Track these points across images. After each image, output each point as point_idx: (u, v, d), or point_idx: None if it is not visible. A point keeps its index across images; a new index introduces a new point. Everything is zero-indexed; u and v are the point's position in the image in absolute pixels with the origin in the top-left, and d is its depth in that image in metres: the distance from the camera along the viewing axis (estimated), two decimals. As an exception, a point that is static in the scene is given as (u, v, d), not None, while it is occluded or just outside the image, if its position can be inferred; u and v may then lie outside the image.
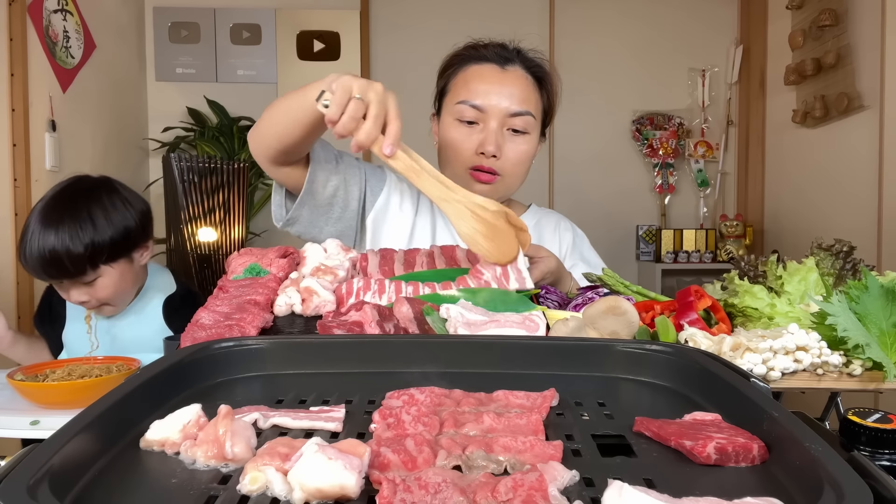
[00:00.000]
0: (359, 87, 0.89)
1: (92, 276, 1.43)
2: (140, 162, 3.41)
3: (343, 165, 1.29)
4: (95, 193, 1.46)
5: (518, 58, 1.32)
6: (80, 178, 1.50)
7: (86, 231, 1.39)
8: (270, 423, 0.54)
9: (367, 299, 0.92)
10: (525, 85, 1.30)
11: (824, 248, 0.95)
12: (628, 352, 0.70)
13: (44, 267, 1.39)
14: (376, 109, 0.89)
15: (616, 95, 3.63)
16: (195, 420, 0.51)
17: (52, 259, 1.37)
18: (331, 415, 0.56)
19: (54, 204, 1.42)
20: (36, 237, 1.38)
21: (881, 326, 0.78)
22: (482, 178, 1.29)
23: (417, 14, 3.54)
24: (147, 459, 0.49)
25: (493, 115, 1.27)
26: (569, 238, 1.45)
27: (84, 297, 1.45)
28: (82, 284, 1.44)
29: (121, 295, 1.51)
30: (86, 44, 2.84)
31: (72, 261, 1.38)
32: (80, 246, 1.38)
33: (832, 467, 0.41)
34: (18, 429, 1.18)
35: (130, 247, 1.49)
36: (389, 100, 0.90)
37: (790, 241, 3.24)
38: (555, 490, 0.41)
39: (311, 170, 1.22)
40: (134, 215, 1.49)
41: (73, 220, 1.39)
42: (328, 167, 1.25)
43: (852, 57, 2.70)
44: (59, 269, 1.39)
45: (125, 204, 1.49)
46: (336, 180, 1.26)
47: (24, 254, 1.40)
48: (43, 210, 1.41)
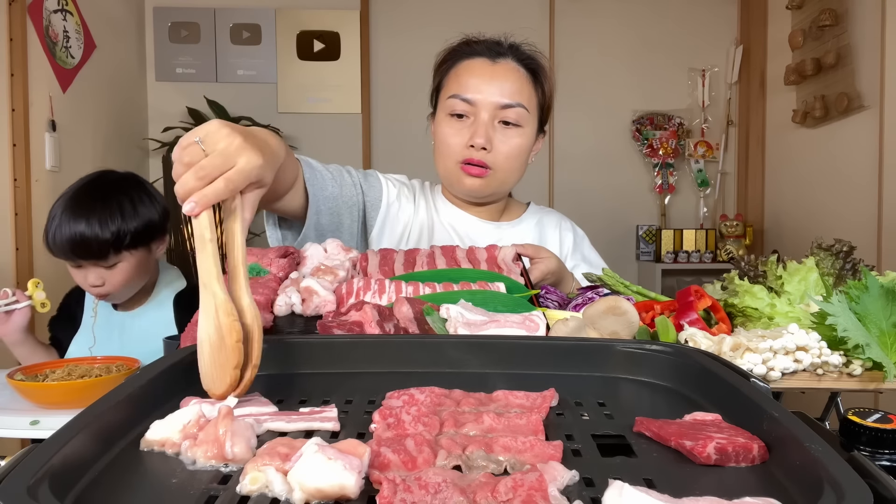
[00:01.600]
0: (206, 133, 0.67)
1: (113, 259, 1.52)
2: (140, 162, 3.41)
3: (339, 187, 1.25)
4: (123, 186, 1.57)
5: (510, 52, 1.30)
6: (107, 172, 1.62)
7: (114, 219, 1.50)
8: (265, 429, 0.54)
9: (368, 299, 0.92)
10: (517, 77, 1.28)
11: (824, 248, 0.95)
12: (628, 352, 0.70)
13: (73, 249, 1.48)
14: (211, 163, 0.65)
15: (616, 95, 3.63)
16: (195, 420, 0.51)
17: (82, 242, 1.47)
18: (324, 415, 0.56)
19: (85, 193, 1.53)
20: (67, 222, 1.47)
21: (881, 326, 0.78)
22: (472, 171, 1.28)
23: (417, 14, 3.54)
24: (147, 459, 0.49)
25: (483, 108, 1.26)
26: (570, 238, 1.45)
27: (99, 280, 1.53)
28: (102, 267, 1.52)
29: (133, 282, 1.60)
30: (86, 44, 2.84)
31: (99, 245, 1.48)
32: (107, 232, 1.48)
33: (832, 467, 0.41)
34: (18, 429, 1.18)
35: (151, 237, 1.59)
36: (239, 158, 0.66)
37: (790, 241, 3.24)
38: (555, 490, 0.41)
39: (311, 211, 1.18)
40: (157, 209, 1.60)
41: (104, 208, 1.50)
42: (326, 199, 1.22)
43: (852, 57, 2.70)
44: (86, 251, 1.49)
45: (150, 198, 1.60)
46: (334, 207, 1.24)
47: (52, 236, 1.49)
48: (74, 198, 1.51)
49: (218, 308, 0.61)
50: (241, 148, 0.65)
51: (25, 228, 2.41)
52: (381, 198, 1.34)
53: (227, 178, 0.64)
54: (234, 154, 0.65)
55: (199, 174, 0.63)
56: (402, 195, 1.37)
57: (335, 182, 1.24)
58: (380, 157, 3.57)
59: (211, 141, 0.65)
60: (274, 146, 0.79)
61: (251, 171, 0.66)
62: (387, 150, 3.57)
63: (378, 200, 1.33)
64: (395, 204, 1.35)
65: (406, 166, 1.86)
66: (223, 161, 0.64)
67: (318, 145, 3.48)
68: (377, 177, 1.36)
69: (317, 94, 3.54)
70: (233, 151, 0.65)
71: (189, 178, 0.63)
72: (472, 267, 1.07)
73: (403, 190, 1.38)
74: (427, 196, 1.41)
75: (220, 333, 0.60)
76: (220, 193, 0.64)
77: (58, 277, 2.52)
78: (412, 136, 1.77)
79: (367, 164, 3.53)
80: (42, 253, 2.48)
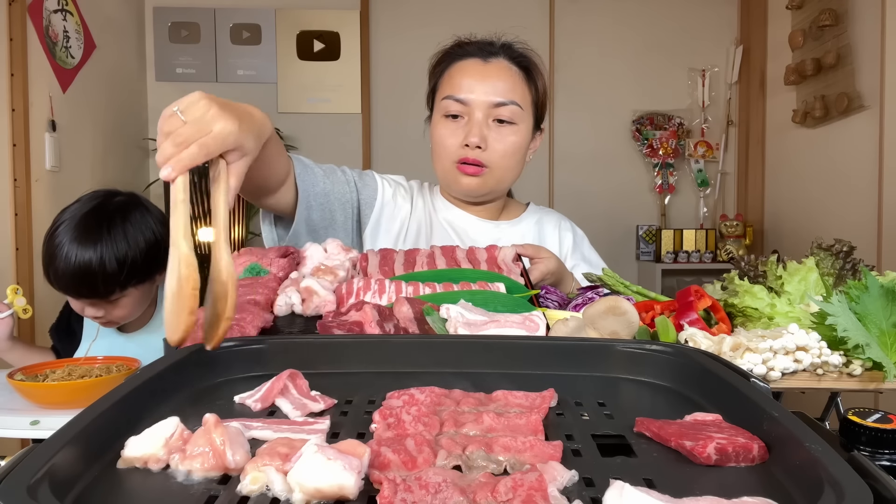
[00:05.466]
0: (185, 104, 0.71)
1: (117, 296, 1.42)
2: (140, 162, 3.41)
3: (331, 184, 1.25)
4: (129, 211, 1.45)
5: (503, 51, 1.31)
6: (110, 193, 1.48)
7: (120, 249, 1.39)
8: (250, 436, 0.52)
9: (368, 299, 0.92)
10: (509, 76, 1.29)
11: (824, 248, 0.95)
12: (628, 352, 0.70)
13: (76, 284, 1.38)
14: (187, 131, 0.69)
15: (616, 95, 3.63)
16: (179, 433, 0.48)
17: (86, 276, 1.36)
18: (314, 427, 0.54)
19: (88, 220, 1.40)
20: (73, 252, 1.36)
21: (881, 326, 0.78)
22: (468, 170, 1.28)
23: (417, 14, 3.54)
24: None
25: (476, 107, 1.26)
26: (569, 238, 1.45)
27: (100, 313, 1.44)
28: (104, 303, 1.43)
29: (135, 313, 1.52)
30: (86, 44, 2.84)
31: (104, 279, 1.38)
32: (115, 265, 1.37)
33: (832, 467, 0.41)
34: (18, 429, 1.18)
35: (158, 267, 1.47)
36: (215, 124, 0.70)
37: (790, 241, 3.24)
38: (554, 490, 0.41)
39: (300, 206, 1.18)
40: (163, 234, 1.46)
41: (110, 237, 1.39)
42: (317, 195, 1.22)
43: (852, 57, 2.70)
44: (91, 287, 1.38)
45: (156, 222, 1.48)
46: (325, 203, 1.24)
47: (55, 267, 1.37)
48: (78, 226, 1.39)
49: (181, 260, 0.64)
50: (217, 116, 0.70)
51: (25, 228, 2.41)
52: (375, 196, 1.34)
53: (201, 143, 0.69)
54: (209, 121, 0.70)
55: (175, 140, 0.68)
56: (398, 195, 1.37)
57: (327, 178, 1.25)
58: (380, 158, 3.57)
59: (189, 111, 0.69)
60: (257, 117, 0.82)
61: (226, 136, 0.70)
62: (387, 150, 3.57)
63: (372, 199, 1.34)
64: (391, 203, 1.35)
65: (406, 166, 1.86)
66: (199, 128, 0.69)
67: (318, 145, 3.47)
68: (373, 176, 1.37)
69: (317, 95, 3.54)
70: (209, 119, 0.70)
71: (167, 146, 0.68)
72: (472, 267, 1.07)
73: (399, 190, 1.38)
74: (425, 196, 1.41)
75: (181, 284, 0.64)
76: (195, 157, 0.68)
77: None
78: (412, 137, 1.76)
79: (366, 164, 3.53)
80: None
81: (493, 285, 0.96)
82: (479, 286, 0.96)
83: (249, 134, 0.76)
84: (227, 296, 0.65)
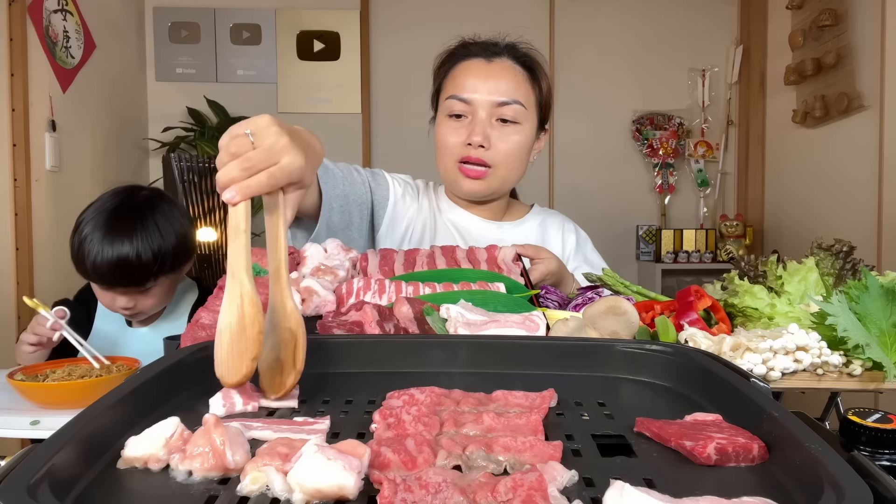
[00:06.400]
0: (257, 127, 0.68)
1: (151, 284, 1.45)
2: (140, 162, 3.41)
3: (350, 185, 1.25)
4: (157, 203, 1.49)
5: (506, 51, 1.31)
6: (136, 187, 1.52)
7: (154, 240, 1.42)
8: (250, 436, 0.52)
9: (368, 299, 0.92)
10: (513, 75, 1.29)
11: (824, 248, 0.95)
12: (628, 352, 0.70)
13: (113, 274, 1.41)
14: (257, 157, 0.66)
15: (616, 95, 3.63)
16: (179, 433, 0.48)
17: (124, 267, 1.40)
18: (315, 427, 0.54)
19: (119, 213, 1.43)
20: (107, 245, 1.39)
21: (881, 326, 0.78)
22: (470, 173, 1.28)
23: (417, 14, 3.54)
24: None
25: (480, 107, 1.26)
26: (572, 240, 1.45)
27: (131, 303, 1.47)
28: (136, 293, 1.46)
29: (162, 303, 1.55)
30: (86, 44, 2.84)
31: (141, 269, 1.41)
32: (150, 255, 1.41)
33: (832, 467, 0.41)
34: (18, 429, 1.18)
35: (187, 257, 1.52)
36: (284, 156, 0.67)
37: (790, 241, 3.24)
38: (554, 490, 0.41)
39: (324, 209, 1.18)
40: (188, 226, 1.52)
41: (144, 229, 1.42)
42: (337, 197, 1.22)
43: (852, 57, 2.70)
44: (128, 276, 1.42)
45: (182, 215, 1.52)
46: (345, 205, 1.24)
47: (89, 260, 1.40)
48: (109, 218, 1.42)
49: (244, 297, 0.61)
50: (288, 146, 0.67)
51: (25, 228, 2.41)
52: (388, 196, 1.34)
53: (270, 172, 0.66)
54: (280, 151, 0.67)
55: (244, 165, 0.65)
56: (406, 194, 1.37)
57: (345, 180, 1.25)
58: (380, 158, 3.57)
59: (260, 136, 0.67)
60: (318, 149, 0.81)
61: (294, 170, 0.67)
62: (387, 150, 3.57)
63: (385, 199, 1.34)
64: (401, 202, 1.35)
65: (406, 166, 1.86)
66: (269, 156, 0.66)
67: (318, 145, 3.47)
68: (384, 175, 1.37)
69: (317, 94, 3.54)
70: (279, 149, 0.67)
71: (234, 168, 0.65)
72: (472, 267, 1.07)
73: (408, 189, 1.38)
74: (430, 196, 1.41)
75: (243, 323, 0.60)
76: (263, 187, 0.65)
77: (57, 279, 2.52)
78: (412, 137, 1.77)
79: (366, 164, 3.53)
80: (42, 253, 2.49)
81: (493, 285, 0.96)
82: (479, 286, 0.96)
83: (313, 169, 0.75)
84: (297, 344, 0.62)
